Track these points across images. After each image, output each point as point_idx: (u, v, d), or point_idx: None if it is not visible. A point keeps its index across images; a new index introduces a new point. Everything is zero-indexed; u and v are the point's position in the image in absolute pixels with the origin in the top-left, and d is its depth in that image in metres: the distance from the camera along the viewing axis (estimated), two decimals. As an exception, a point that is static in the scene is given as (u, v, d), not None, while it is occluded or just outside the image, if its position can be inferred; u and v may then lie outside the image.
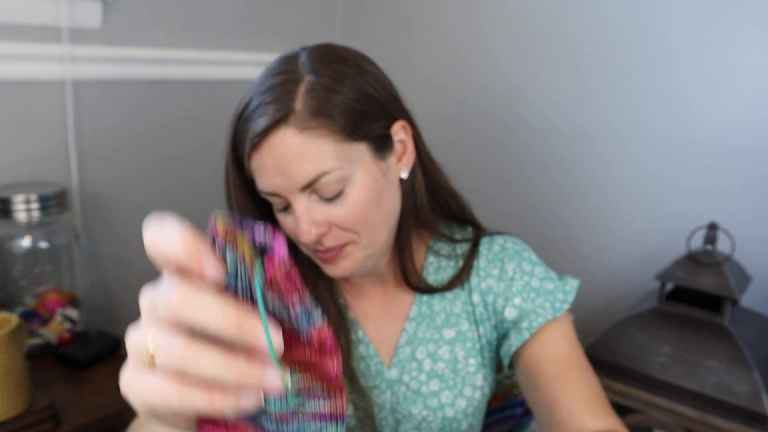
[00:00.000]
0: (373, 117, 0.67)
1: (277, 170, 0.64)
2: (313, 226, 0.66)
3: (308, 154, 0.63)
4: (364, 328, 0.80)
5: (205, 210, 1.55)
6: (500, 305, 0.77)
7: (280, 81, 0.64)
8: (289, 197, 0.66)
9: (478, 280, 0.79)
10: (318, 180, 0.64)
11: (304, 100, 0.63)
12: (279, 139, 0.63)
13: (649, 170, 1.29)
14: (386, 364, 0.78)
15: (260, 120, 0.63)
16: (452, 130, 1.58)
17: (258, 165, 0.65)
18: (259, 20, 1.58)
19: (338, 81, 0.65)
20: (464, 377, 0.77)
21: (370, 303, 0.81)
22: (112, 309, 1.42)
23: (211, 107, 1.51)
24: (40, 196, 1.12)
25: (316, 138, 0.63)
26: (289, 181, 0.64)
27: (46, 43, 1.21)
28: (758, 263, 1.17)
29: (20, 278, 1.15)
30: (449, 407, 0.76)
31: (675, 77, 1.23)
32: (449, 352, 0.77)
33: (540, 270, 0.78)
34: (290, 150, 0.63)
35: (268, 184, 0.65)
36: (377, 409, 0.77)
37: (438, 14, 1.57)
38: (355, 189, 0.66)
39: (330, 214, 0.66)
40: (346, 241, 0.68)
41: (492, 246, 0.80)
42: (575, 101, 1.37)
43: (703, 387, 1.02)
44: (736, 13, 1.14)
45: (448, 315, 0.79)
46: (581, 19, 1.33)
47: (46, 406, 0.93)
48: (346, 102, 0.64)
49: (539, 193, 1.47)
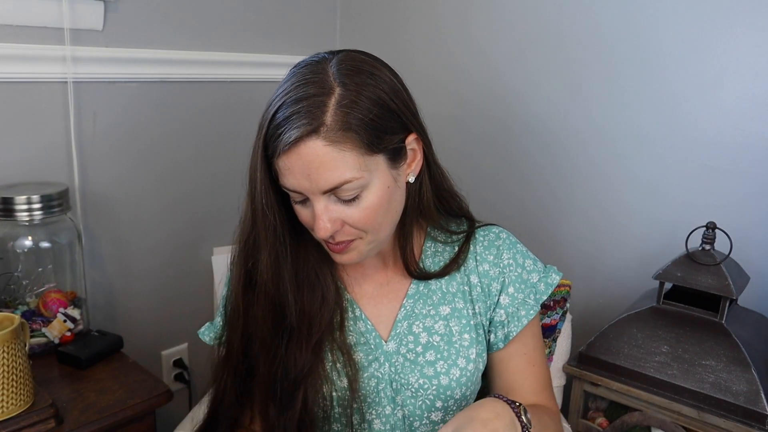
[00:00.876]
0: (392, 131, 0.74)
1: (303, 174, 0.70)
2: (329, 222, 0.73)
3: (334, 164, 0.70)
4: (362, 307, 0.87)
5: (205, 210, 1.56)
6: (495, 289, 0.87)
7: (313, 92, 0.70)
8: (310, 196, 0.73)
9: (475, 264, 0.88)
10: (340, 186, 0.71)
11: (333, 115, 0.69)
12: (308, 148, 0.69)
13: (648, 170, 1.29)
14: (384, 338, 0.85)
15: (293, 130, 0.69)
16: (449, 130, 1.58)
17: (286, 166, 0.71)
18: (260, 21, 1.59)
19: (365, 96, 0.71)
20: (458, 349, 0.84)
21: (371, 283, 0.88)
22: (114, 308, 1.43)
23: (212, 108, 1.52)
24: (42, 196, 1.12)
25: (342, 150, 0.70)
26: (313, 184, 0.71)
27: (48, 44, 1.21)
28: (756, 262, 1.17)
29: (22, 278, 1.16)
30: (444, 376, 0.83)
31: (672, 77, 1.23)
32: (444, 326, 0.85)
33: (529, 262, 0.90)
34: (318, 158, 0.69)
35: (292, 184, 0.72)
36: (376, 381, 0.83)
37: (436, 15, 1.58)
38: (370, 194, 0.74)
39: (345, 214, 0.74)
40: (355, 237, 0.76)
41: (488, 234, 0.90)
42: (573, 102, 1.37)
43: (702, 386, 1.02)
44: (732, 13, 1.15)
45: (444, 293, 0.87)
46: (577, 21, 1.34)
47: (48, 405, 0.94)
48: (370, 117, 0.71)
49: (537, 193, 1.47)
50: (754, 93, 1.15)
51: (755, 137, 1.15)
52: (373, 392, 0.83)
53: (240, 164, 0.82)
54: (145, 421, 1.06)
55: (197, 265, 1.56)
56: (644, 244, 1.32)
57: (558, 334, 1.17)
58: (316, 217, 0.73)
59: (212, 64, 1.49)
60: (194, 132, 1.49)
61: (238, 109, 1.56)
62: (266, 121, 0.72)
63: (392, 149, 0.74)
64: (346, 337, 0.84)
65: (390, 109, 0.73)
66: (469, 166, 1.57)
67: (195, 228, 1.54)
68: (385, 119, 0.72)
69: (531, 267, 0.89)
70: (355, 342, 0.84)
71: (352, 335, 0.85)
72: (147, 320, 1.49)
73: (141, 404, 1.03)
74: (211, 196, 1.55)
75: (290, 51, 1.65)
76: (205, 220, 1.55)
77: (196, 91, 1.48)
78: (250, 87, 1.57)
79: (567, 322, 1.19)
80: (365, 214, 0.74)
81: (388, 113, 0.73)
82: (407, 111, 0.76)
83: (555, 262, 1.38)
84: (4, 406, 0.89)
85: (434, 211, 0.86)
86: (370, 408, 0.83)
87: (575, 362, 1.16)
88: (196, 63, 1.46)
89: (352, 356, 0.83)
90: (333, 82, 0.70)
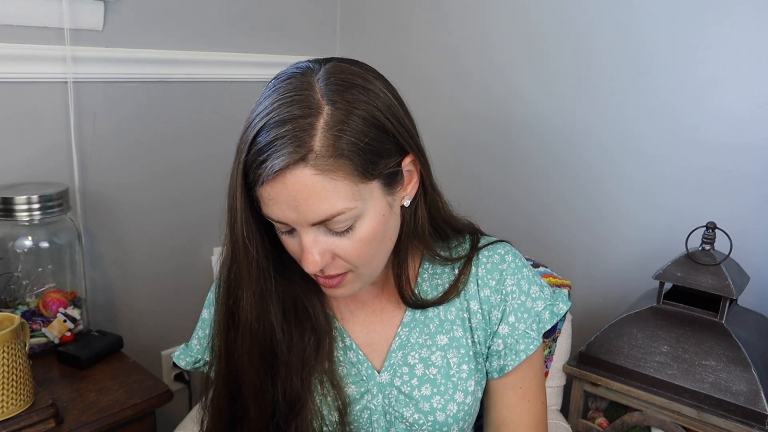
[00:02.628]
0: (388, 154, 0.66)
1: (289, 205, 0.63)
2: (319, 256, 0.66)
3: (324, 195, 0.62)
4: (353, 336, 0.81)
5: (205, 210, 1.56)
6: (495, 317, 0.79)
7: (298, 113, 0.61)
8: (297, 228, 0.65)
9: (477, 288, 0.80)
10: (331, 219, 0.63)
11: (322, 139, 0.61)
12: (295, 177, 0.61)
13: (648, 170, 1.29)
14: (377, 368, 0.79)
15: (278, 158, 0.60)
16: (450, 131, 1.58)
17: (269, 196, 0.63)
18: (260, 21, 1.59)
19: (357, 115, 0.63)
20: (456, 383, 0.78)
21: (363, 310, 0.82)
22: (114, 308, 1.43)
23: (212, 108, 1.52)
24: (42, 196, 1.12)
25: (334, 179, 0.62)
26: (301, 216, 0.63)
27: (48, 45, 1.21)
28: (756, 262, 1.17)
29: (22, 278, 1.16)
30: (440, 412, 0.77)
31: (672, 78, 1.23)
32: (442, 357, 0.78)
33: (535, 289, 0.81)
34: (306, 189, 0.61)
35: (277, 215, 0.64)
36: (369, 414, 0.78)
37: (438, 16, 1.58)
38: (364, 224, 0.66)
39: (336, 246, 0.67)
40: (346, 270, 0.70)
41: (492, 256, 0.81)
42: (573, 103, 1.37)
43: (702, 386, 1.02)
44: (732, 13, 1.15)
45: (442, 321, 0.80)
46: (581, 18, 1.34)
47: (48, 405, 0.94)
48: (365, 141, 0.63)
49: (538, 193, 1.47)
50: (753, 93, 1.15)
51: (755, 137, 1.15)
52: (366, 423, 0.78)
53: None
54: (145, 421, 1.06)
55: (197, 265, 1.56)
56: (644, 244, 1.32)
57: (558, 334, 1.17)
58: (305, 250, 0.66)
59: (212, 64, 1.49)
60: (194, 132, 1.49)
61: (238, 109, 1.55)
62: (245, 145, 0.63)
63: (387, 174, 0.67)
64: (336, 368, 0.78)
65: (385, 130, 0.65)
66: (470, 166, 1.57)
67: (195, 228, 1.54)
68: (380, 141, 0.64)
69: (537, 294, 0.81)
70: (345, 373, 0.79)
71: (342, 366, 0.79)
72: (147, 320, 1.49)
73: (141, 404, 1.03)
74: (211, 196, 1.55)
75: (290, 51, 1.65)
76: (206, 220, 1.55)
77: (196, 91, 1.48)
78: (250, 87, 1.57)
79: (567, 322, 1.19)
80: (358, 246, 0.67)
81: (383, 134, 0.65)
82: (403, 130, 0.68)
83: (555, 263, 1.39)
84: (4, 406, 0.89)
85: (429, 237, 0.77)
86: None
87: (575, 362, 1.16)
88: (196, 63, 1.46)
89: (343, 389, 0.77)
90: (321, 99, 0.62)
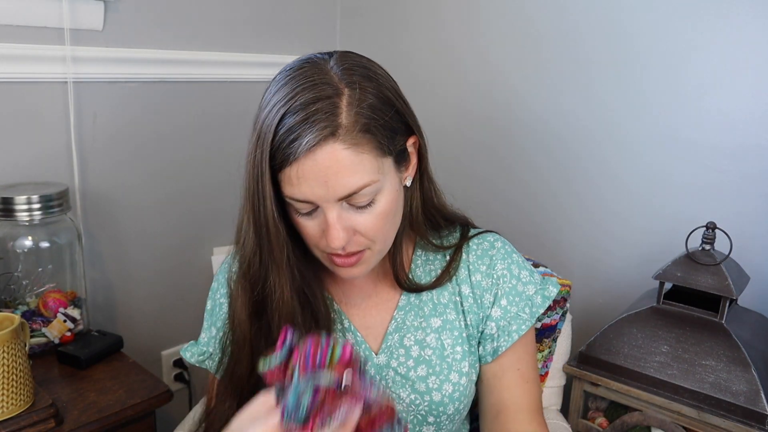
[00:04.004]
0: (401, 132, 0.72)
1: (319, 181, 0.66)
2: (343, 231, 0.69)
3: (352, 168, 0.66)
4: (350, 318, 0.84)
5: (205, 209, 1.56)
6: (488, 301, 0.83)
7: (322, 95, 0.65)
8: (322, 205, 0.68)
9: (467, 273, 0.84)
10: (358, 192, 0.67)
11: (349, 116, 0.65)
12: (327, 153, 0.65)
13: (648, 170, 1.29)
14: (374, 350, 0.82)
15: (310, 134, 0.64)
16: (449, 130, 1.58)
17: (298, 174, 0.66)
18: (260, 21, 1.59)
19: (374, 95, 0.68)
20: (450, 363, 0.81)
21: (360, 294, 0.85)
22: (114, 308, 1.43)
23: (212, 108, 1.52)
24: (42, 196, 1.13)
25: (361, 153, 0.66)
26: (329, 191, 0.66)
27: (48, 45, 1.21)
28: (756, 262, 1.17)
29: (22, 278, 1.16)
30: (436, 392, 0.80)
31: (673, 77, 1.23)
32: (436, 339, 0.82)
33: (525, 273, 0.85)
34: (337, 163, 0.65)
35: (304, 193, 0.67)
36: None
37: (437, 16, 1.58)
38: (383, 198, 0.70)
39: (357, 222, 0.70)
40: (364, 247, 0.73)
41: (482, 243, 0.86)
42: (573, 102, 1.38)
43: (702, 386, 1.02)
44: (735, 11, 1.15)
45: (435, 305, 0.83)
46: (580, 19, 1.34)
47: (48, 405, 0.94)
48: (384, 118, 0.68)
49: (538, 193, 1.47)
50: (753, 94, 1.15)
51: (755, 138, 1.15)
52: None
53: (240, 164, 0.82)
54: (145, 421, 1.06)
55: (197, 265, 1.56)
56: (644, 245, 1.32)
57: (558, 334, 1.17)
58: (330, 226, 0.68)
59: (212, 64, 1.49)
60: (194, 132, 1.50)
61: (238, 109, 1.56)
62: (269, 130, 0.66)
63: (399, 151, 0.72)
64: None
65: (397, 109, 0.71)
66: (469, 166, 1.57)
67: (195, 228, 1.54)
68: (394, 120, 0.70)
69: (527, 279, 0.85)
70: None
71: None
72: (147, 320, 1.49)
73: (141, 404, 1.03)
74: (211, 196, 1.55)
75: (290, 51, 1.65)
76: (205, 220, 1.55)
77: (195, 91, 1.48)
78: (250, 87, 1.57)
79: (567, 322, 1.19)
80: (377, 221, 0.71)
81: (396, 114, 0.70)
82: (410, 112, 0.74)
83: (555, 263, 1.39)
84: (4, 406, 0.89)
85: (421, 222, 0.82)
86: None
87: (575, 362, 1.16)
88: (196, 63, 1.46)
89: None
90: (339, 82, 0.67)
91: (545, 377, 1.16)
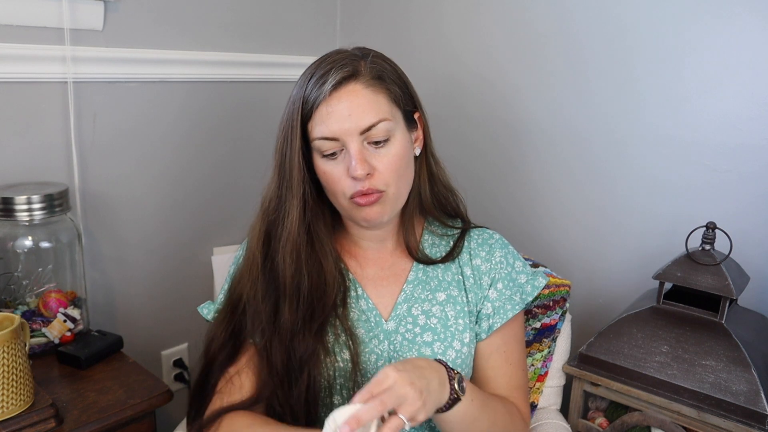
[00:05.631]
0: (409, 96, 0.88)
1: (344, 114, 0.80)
2: (364, 163, 0.81)
3: (372, 104, 0.81)
4: (364, 287, 0.93)
5: (205, 210, 1.56)
6: (486, 283, 0.94)
7: (345, 55, 0.84)
8: (346, 139, 0.81)
9: (469, 257, 0.95)
10: (376, 125, 0.81)
11: (367, 67, 0.83)
12: (350, 89, 0.81)
13: (648, 170, 1.29)
14: (385, 317, 0.91)
15: (337, 75, 0.81)
16: (450, 129, 1.58)
17: (327, 111, 0.81)
18: (259, 22, 1.59)
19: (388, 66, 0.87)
20: (453, 333, 0.90)
21: (374, 267, 0.95)
22: (114, 308, 1.43)
23: (212, 108, 1.52)
24: (42, 196, 1.12)
25: (377, 93, 0.83)
26: (353, 123, 0.80)
27: (48, 44, 1.21)
28: (756, 262, 1.17)
29: (22, 278, 1.16)
30: (440, 356, 0.88)
31: (673, 77, 1.23)
32: (441, 311, 0.91)
33: (519, 264, 0.97)
34: (359, 98, 0.81)
35: (332, 128, 0.81)
36: (375, 357, 0.88)
37: (437, 14, 1.58)
38: (396, 142, 0.84)
39: (375, 159, 0.82)
40: (382, 187, 0.83)
41: (482, 233, 0.98)
42: (573, 102, 1.38)
43: (702, 386, 1.02)
44: (734, 11, 1.15)
45: (440, 281, 0.94)
46: (580, 19, 1.34)
47: (48, 405, 0.94)
48: (394, 77, 0.86)
49: (538, 193, 1.47)
50: (753, 93, 1.15)
51: (755, 138, 1.15)
52: (373, 367, 0.88)
53: (240, 164, 0.83)
54: (145, 421, 1.06)
55: (197, 265, 1.56)
56: (644, 244, 1.32)
57: (558, 334, 1.17)
58: (353, 157, 0.80)
59: (212, 64, 1.49)
60: (194, 132, 1.49)
61: (238, 109, 1.56)
62: (302, 87, 0.83)
63: (408, 112, 0.87)
64: (349, 313, 0.89)
65: (405, 83, 0.88)
66: (469, 166, 1.57)
67: (195, 228, 1.54)
68: (403, 87, 0.87)
69: (520, 268, 0.97)
70: (356, 318, 0.90)
71: (354, 312, 0.90)
72: (147, 320, 1.49)
73: (141, 404, 1.03)
74: (212, 196, 1.55)
75: (290, 51, 1.65)
76: (205, 220, 1.55)
77: (196, 91, 1.48)
78: (250, 87, 1.57)
79: (567, 322, 1.19)
80: (392, 161, 0.83)
81: (405, 85, 0.88)
82: (416, 94, 0.90)
83: (555, 262, 1.39)
84: (4, 406, 0.89)
85: (431, 205, 0.94)
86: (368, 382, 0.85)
87: (575, 362, 1.16)
88: (196, 63, 1.46)
89: (354, 332, 0.88)
90: (358, 55, 0.84)
91: (545, 377, 1.16)
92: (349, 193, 0.83)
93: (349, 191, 0.83)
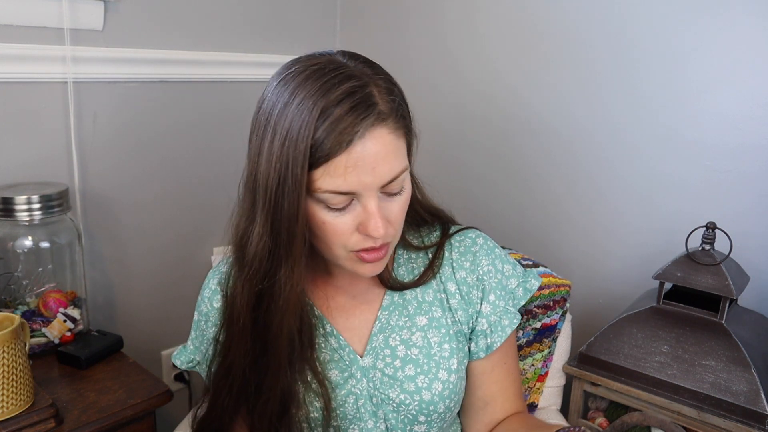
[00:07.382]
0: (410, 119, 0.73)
1: (368, 168, 0.65)
2: (385, 221, 0.69)
3: (396, 153, 0.67)
4: (333, 321, 0.82)
5: (205, 210, 1.56)
6: (476, 297, 0.83)
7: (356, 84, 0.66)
8: (364, 194, 0.67)
9: (452, 270, 0.84)
10: (398, 177, 0.68)
11: (384, 104, 0.67)
12: (375, 138, 0.65)
13: (648, 170, 1.29)
14: (359, 353, 0.81)
15: (360, 123, 0.64)
16: (449, 130, 1.58)
17: (347, 164, 0.65)
18: (260, 21, 1.59)
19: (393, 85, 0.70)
20: (438, 361, 0.80)
21: (343, 295, 0.84)
22: (114, 308, 1.43)
23: (212, 108, 1.52)
24: (42, 196, 1.12)
25: (400, 138, 0.68)
26: (376, 177, 0.66)
27: (48, 44, 1.21)
28: (756, 262, 1.17)
29: (22, 278, 1.16)
30: (426, 391, 0.79)
31: (673, 77, 1.23)
32: (422, 338, 0.81)
33: (508, 267, 0.86)
34: (385, 147, 0.66)
35: (350, 183, 0.66)
36: (354, 398, 0.80)
37: (437, 16, 1.58)
38: (407, 185, 0.72)
39: (389, 211, 0.70)
40: (390, 240, 0.73)
41: (464, 240, 0.85)
42: (573, 102, 1.37)
43: (702, 386, 1.02)
44: (736, 12, 1.15)
45: (420, 303, 0.83)
46: (580, 19, 1.34)
47: (48, 405, 0.94)
48: (405, 106, 0.71)
49: (537, 193, 1.47)
50: (754, 93, 1.15)
51: (755, 137, 1.15)
52: (353, 409, 0.80)
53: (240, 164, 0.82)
54: (145, 421, 1.06)
55: (197, 265, 1.56)
56: (644, 244, 1.32)
57: (558, 334, 1.17)
58: (372, 215, 0.67)
59: (212, 64, 1.49)
60: (194, 132, 1.50)
61: (238, 109, 1.56)
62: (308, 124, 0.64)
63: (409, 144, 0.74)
64: (318, 355, 0.80)
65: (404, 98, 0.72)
66: (469, 166, 1.57)
67: (195, 228, 1.54)
68: (409, 117, 0.72)
69: (510, 272, 0.86)
70: (328, 359, 0.80)
71: (324, 353, 0.81)
72: (147, 320, 1.49)
73: (141, 404, 1.03)
74: (211, 196, 1.55)
75: (290, 51, 1.65)
76: (205, 219, 1.55)
77: (196, 91, 1.48)
78: (249, 87, 1.57)
79: (567, 322, 1.19)
80: (403, 209, 0.72)
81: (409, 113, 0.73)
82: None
83: (555, 262, 1.39)
84: (4, 406, 0.89)
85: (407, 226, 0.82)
86: (351, 424, 0.81)
87: (575, 362, 1.16)
88: (196, 63, 1.46)
89: (326, 374, 0.79)
90: (361, 74, 0.67)
91: (545, 377, 1.16)
92: (354, 248, 0.71)
93: (356, 246, 0.71)
